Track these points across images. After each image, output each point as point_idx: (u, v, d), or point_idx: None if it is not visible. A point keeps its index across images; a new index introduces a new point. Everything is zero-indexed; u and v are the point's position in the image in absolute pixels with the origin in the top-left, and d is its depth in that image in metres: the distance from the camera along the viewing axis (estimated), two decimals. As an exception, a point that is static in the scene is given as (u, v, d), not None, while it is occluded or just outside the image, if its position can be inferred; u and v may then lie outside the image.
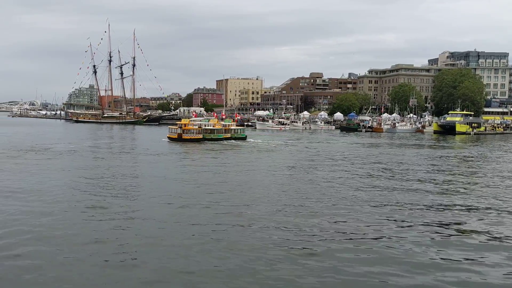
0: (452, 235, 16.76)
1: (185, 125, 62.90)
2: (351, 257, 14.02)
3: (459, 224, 18.36)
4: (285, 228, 17.11)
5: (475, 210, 20.82)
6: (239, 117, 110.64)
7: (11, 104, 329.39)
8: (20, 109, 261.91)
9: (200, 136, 62.19)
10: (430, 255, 14.37)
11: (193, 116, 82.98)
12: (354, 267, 13.21)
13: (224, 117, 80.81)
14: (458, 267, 13.43)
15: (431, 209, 20.86)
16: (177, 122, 71.82)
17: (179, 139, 60.78)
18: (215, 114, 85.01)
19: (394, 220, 18.56)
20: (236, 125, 75.36)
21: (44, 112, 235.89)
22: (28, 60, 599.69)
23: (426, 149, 59.61)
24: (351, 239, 15.92)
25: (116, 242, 15.18)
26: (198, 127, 63.28)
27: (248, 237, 15.93)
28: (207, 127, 64.26)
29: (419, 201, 22.47)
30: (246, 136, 68.42)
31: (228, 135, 65.71)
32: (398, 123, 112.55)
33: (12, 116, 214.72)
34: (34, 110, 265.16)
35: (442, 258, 14.10)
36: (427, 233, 16.87)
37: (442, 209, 20.84)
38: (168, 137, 63.83)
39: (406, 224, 18.03)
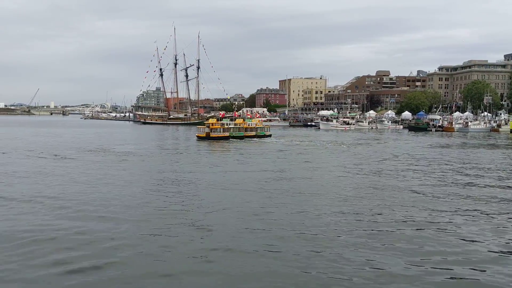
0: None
1: (212, 124, 66.43)
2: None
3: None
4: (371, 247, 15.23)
5: None
6: (257, 116, 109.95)
7: (83, 107, 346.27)
8: (92, 112, 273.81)
9: (227, 134, 65.79)
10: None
11: (256, 116, 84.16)
12: None
13: (249, 116, 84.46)
14: None
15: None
16: (205, 122, 75.18)
17: (207, 138, 63.95)
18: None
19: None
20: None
21: (114, 114, 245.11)
22: (99, 65, 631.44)
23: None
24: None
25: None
26: (221, 125, 66.63)
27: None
28: (230, 126, 67.66)
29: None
30: (271, 134, 74.02)
31: (253, 133, 69.95)
32: (471, 122, 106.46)
33: (85, 118, 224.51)
34: (104, 112, 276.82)
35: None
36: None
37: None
38: (197, 136, 66.95)
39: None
